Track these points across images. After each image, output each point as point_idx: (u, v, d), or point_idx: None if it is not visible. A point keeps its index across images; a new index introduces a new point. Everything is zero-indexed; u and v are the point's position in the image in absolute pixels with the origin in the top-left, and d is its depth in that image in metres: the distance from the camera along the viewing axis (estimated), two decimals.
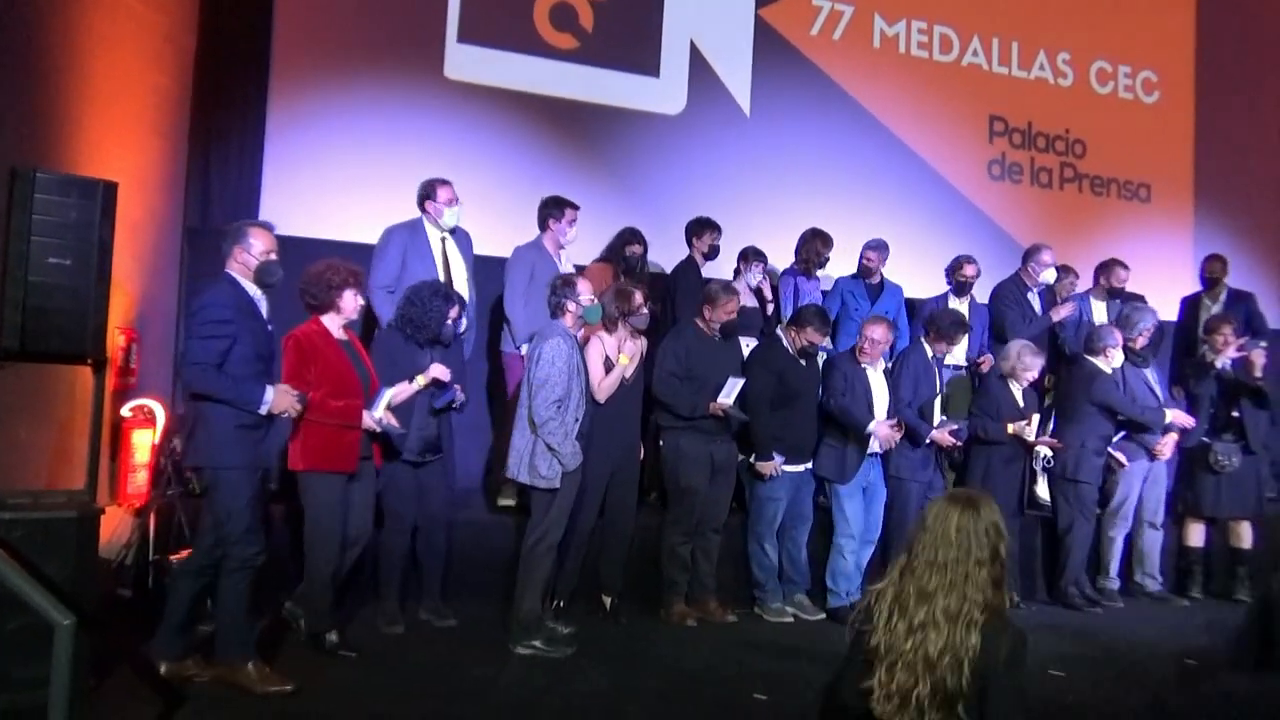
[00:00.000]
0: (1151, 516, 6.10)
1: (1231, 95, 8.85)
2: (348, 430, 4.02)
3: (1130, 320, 6.07)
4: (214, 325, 3.55)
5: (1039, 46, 8.30)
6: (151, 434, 4.85)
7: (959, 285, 6.33)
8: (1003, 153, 8.15)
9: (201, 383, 3.55)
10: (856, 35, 7.70)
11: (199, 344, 3.55)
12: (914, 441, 5.35)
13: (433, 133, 6.42)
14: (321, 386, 3.98)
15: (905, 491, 5.39)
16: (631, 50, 7.00)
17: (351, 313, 4.15)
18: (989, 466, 5.57)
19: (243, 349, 3.59)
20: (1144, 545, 6.14)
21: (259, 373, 3.67)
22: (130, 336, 4.87)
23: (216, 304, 3.58)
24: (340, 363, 4.05)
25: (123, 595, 4.57)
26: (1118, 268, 6.83)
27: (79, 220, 3.55)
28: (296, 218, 5.46)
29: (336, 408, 3.99)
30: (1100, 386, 5.84)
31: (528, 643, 4.32)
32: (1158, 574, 6.13)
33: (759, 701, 3.87)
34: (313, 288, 4.06)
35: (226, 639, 3.67)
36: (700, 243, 6.06)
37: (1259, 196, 8.94)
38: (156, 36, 5.36)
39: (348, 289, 4.07)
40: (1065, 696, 4.14)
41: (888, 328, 5.30)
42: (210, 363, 3.54)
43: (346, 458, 4.04)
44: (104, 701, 3.47)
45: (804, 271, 6.30)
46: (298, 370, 3.98)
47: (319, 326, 4.08)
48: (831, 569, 5.26)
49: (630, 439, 4.94)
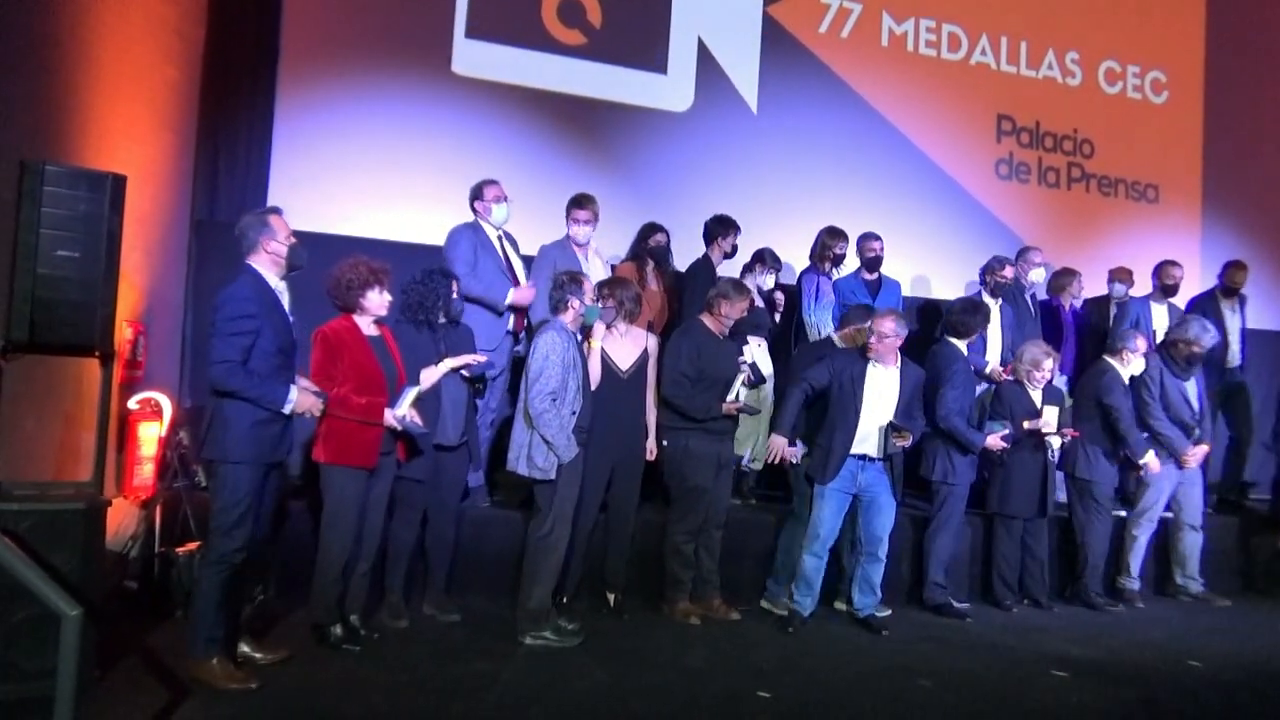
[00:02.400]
0: (1191, 519, 6.13)
1: (1240, 96, 8.82)
2: (370, 427, 4.05)
3: (1182, 330, 6.09)
4: (239, 321, 3.54)
5: (1047, 46, 8.28)
6: (158, 426, 4.86)
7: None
8: (1010, 152, 8.13)
9: (227, 381, 3.54)
10: (865, 33, 7.69)
11: (224, 341, 3.54)
12: (965, 449, 5.38)
13: (440, 128, 6.43)
14: (347, 382, 4.01)
15: (956, 497, 5.43)
16: (639, 47, 7.00)
17: (379, 310, 4.14)
18: (1009, 470, 5.56)
19: (265, 343, 3.59)
20: (1184, 548, 6.18)
21: (281, 366, 3.67)
22: (138, 329, 4.89)
23: (240, 298, 3.57)
24: (366, 359, 4.07)
25: (129, 587, 4.60)
26: (1171, 267, 6.90)
27: (88, 213, 3.56)
28: (304, 212, 5.46)
29: (359, 405, 4.01)
30: (1104, 386, 5.83)
31: (537, 633, 4.35)
32: (1198, 575, 6.18)
33: (762, 699, 3.87)
34: (335, 289, 4.10)
35: (194, 633, 3.65)
36: (724, 242, 6.04)
37: (1267, 198, 8.90)
38: (166, 29, 5.37)
39: (370, 289, 4.08)
40: (1070, 697, 4.14)
41: (898, 320, 4.95)
42: (236, 360, 3.53)
43: (367, 454, 4.06)
44: (110, 692, 3.48)
45: (821, 269, 6.29)
46: (324, 365, 4.01)
47: (349, 323, 4.12)
48: (796, 576, 5.00)
49: (633, 435, 4.94)
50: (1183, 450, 5.95)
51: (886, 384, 4.95)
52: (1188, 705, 4.16)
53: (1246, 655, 4.95)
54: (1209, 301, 7.13)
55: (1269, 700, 4.30)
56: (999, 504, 5.62)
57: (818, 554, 4.94)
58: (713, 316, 5.05)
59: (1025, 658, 4.68)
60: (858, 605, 5.09)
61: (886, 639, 4.88)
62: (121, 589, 4.58)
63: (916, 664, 4.46)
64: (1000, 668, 4.50)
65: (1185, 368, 6.04)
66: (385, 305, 4.17)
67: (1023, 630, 5.22)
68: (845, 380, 4.95)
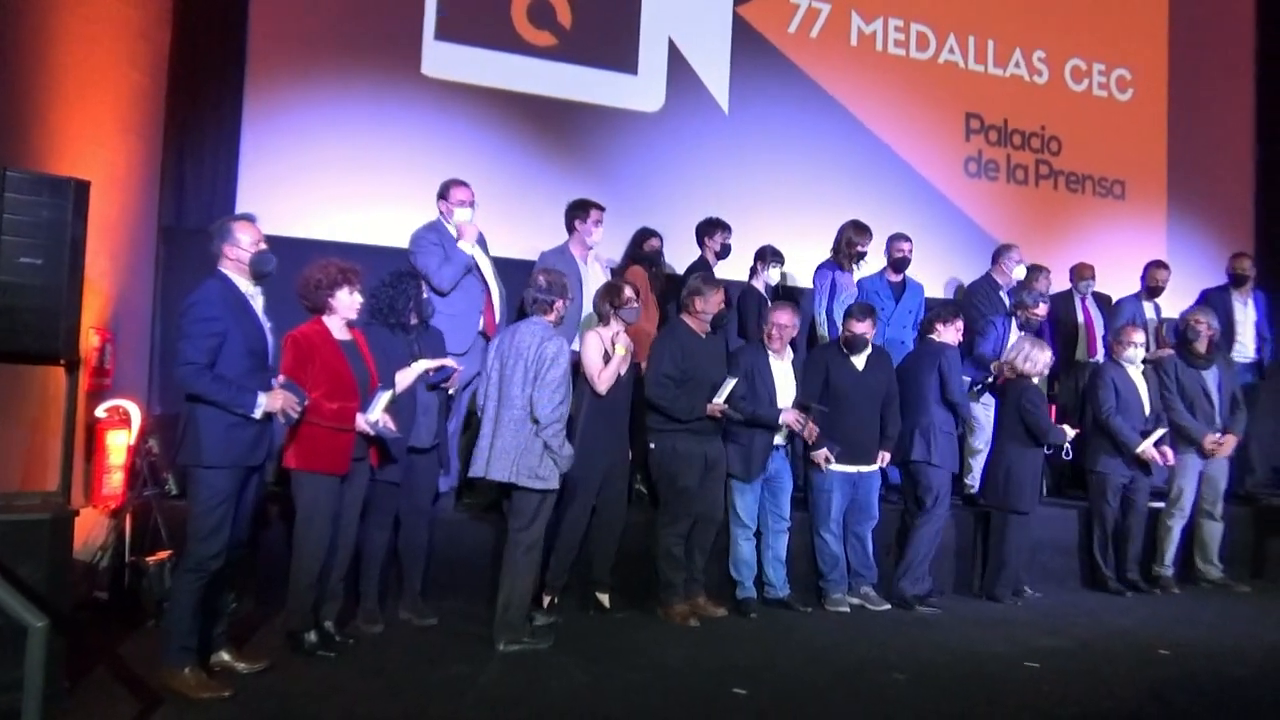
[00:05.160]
0: (1210, 507, 6.37)
1: (1203, 93, 8.96)
2: (341, 433, 4.01)
3: (1188, 312, 6.42)
4: (202, 323, 3.51)
5: (1014, 44, 8.36)
6: (127, 435, 4.81)
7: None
8: (979, 150, 8.21)
9: (192, 383, 3.51)
10: (834, 33, 7.74)
11: (189, 343, 3.51)
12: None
13: (410, 130, 6.40)
14: (318, 387, 3.97)
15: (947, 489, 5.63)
16: (610, 48, 7.00)
17: (349, 311, 4.10)
18: (1010, 463, 5.71)
19: (234, 346, 3.56)
20: (1204, 535, 6.43)
21: (251, 369, 3.63)
22: (105, 336, 4.83)
23: (204, 301, 3.54)
24: (337, 363, 4.03)
25: (98, 597, 4.54)
26: (1158, 270, 7.14)
27: (51, 219, 3.52)
28: (274, 216, 5.38)
29: (330, 410, 3.97)
30: (1090, 380, 6.01)
31: (515, 640, 4.31)
32: (1217, 561, 6.42)
33: (737, 696, 3.89)
34: (303, 290, 4.06)
35: (168, 641, 3.61)
36: (712, 242, 6.10)
37: (1230, 193, 9.06)
38: (130, 33, 5.31)
39: (339, 288, 4.04)
40: (1041, 686, 4.19)
41: (793, 312, 5.23)
42: (201, 362, 3.50)
43: (338, 460, 4.03)
44: (81, 704, 3.44)
45: (840, 265, 6.32)
46: (294, 370, 3.96)
47: (319, 326, 4.07)
48: (733, 559, 5.27)
49: (621, 435, 4.97)
50: (1201, 438, 6.13)
51: (784, 374, 5.25)
52: (1148, 692, 4.22)
53: (1213, 644, 5.01)
54: (1219, 294, 7.29)
55: (1234, 687, 4.37)
56: (1014, 500, 5.71)
57: (749, 540, 5.26)
58: (691, 315, 5.07)
59: (999, 651, 4.73)
60: (774, 583, 5.30)
61: (861, 633, 4.92)
62: (91, 599, 4.52)
63: (892, 658, 4.50)
64: (975, 661, 4.54)
65: (1200, 356, 6.23)
66: (356, 306, 4.12)
67: (995, 623, 5.28)
68: (754, 373, 5.15)
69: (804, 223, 7.00)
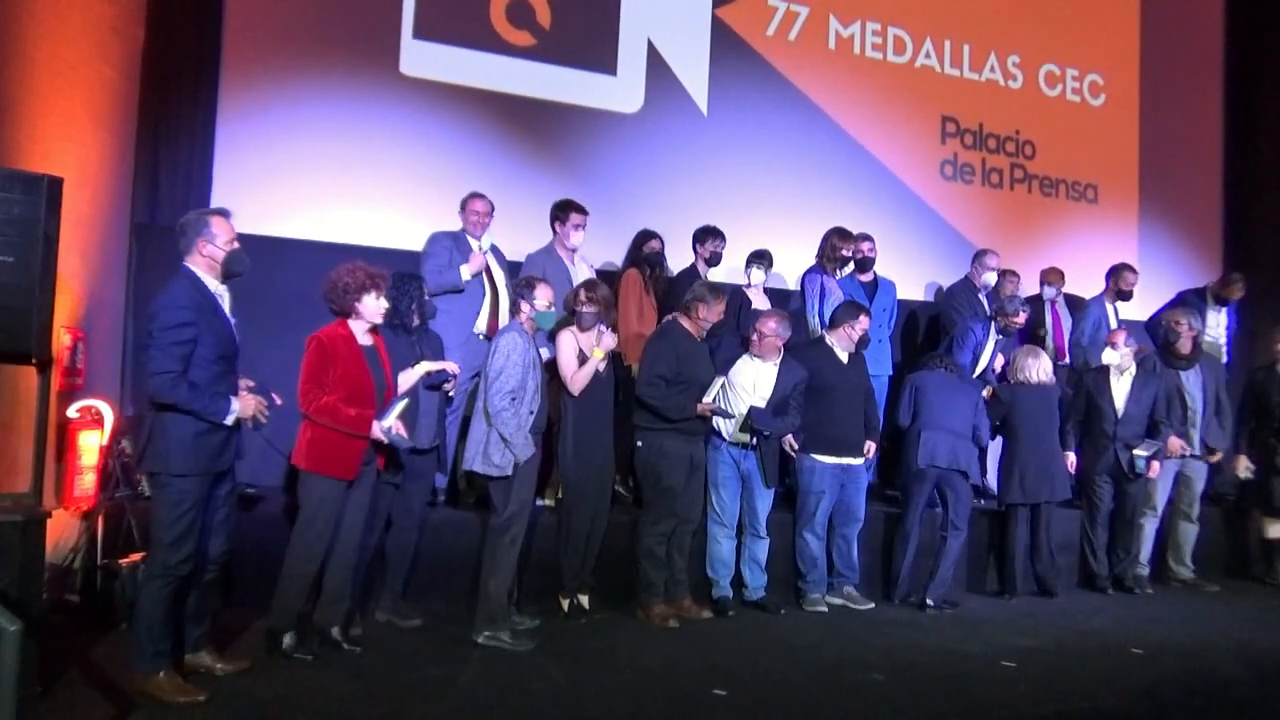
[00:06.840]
0: (1187, 509, 6.51)
1: (1174, 98, 9.10)
2: (355, 439, 3.98)
3: (1167, 313, 6.58)
4: (175, 330, 3.44)
5: (990, 49, 8.45)
6: (99, 435, 4.74)
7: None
8: (955, 153, 8.28)
9: (168, 394, 3.44)
10: (812, 36, 7.78)
11: (162, 352, 3.44)
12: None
13: (388, 129, 6.35)
14: (337, 391, 3.94)
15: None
16: (589, 48, 7.00)
17: (374, 316, 4.06)
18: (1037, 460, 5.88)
19: (204, 350, 3.50)
20: (1179, 536, 6.56)
21: (221, 373, 3.58)
22: (77, 335, 4.76)
23: (176, 305, 3.47)
24: (358, 369, 4.00)
25: (70, 600, 4.48)
26: (1126, 272, 7.18)
27: (22, 216, 3.45)
28: (248, 214, 5.33)
29: (347, 416, 3.93)
30: (1075, 385, 6.20)
31: (494, 633, 4.33)
32: (1189, 562, 6.54)
33: (717, 697, 3.89)
34: (330, 293, 4.03)
35: (140, 647, 3.55)
36: (703, 249, 6.12)
37: (1200, 197, 9.20)
38: (103, 27, 5.23)
39: (366, 293, 4.00)
40: (1018, 685, 4.23)
41: (779, 320, 5.23)
42: (176, 370, 3.44)
43: (348, 466, 3.99)
44: (53, 708, 3.38)
45: (826, 270, 6.36)
46: (317, 371, 3.93)
47: (344, 330, 4.04)
48: (710, 559, 5.29)
49: (607, 435, 4.98)
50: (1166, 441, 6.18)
51: (762, 377, 5.21)
52: (1129, 689, 4.28)
53: (1182, 642, 5.09)
54: (1194, 295, 7.40)
55: (1205, 682, 4.43)
56: (1033, 493, 5.86)
57: (729, 538, 5.29)
58: (690, 319, 5.11)
59: (976, 650, 4.78)
60: (750, 585, 5.32)
61: (840, 633, 4.95)
62: (63, 602, 4.45)
63: (871, 658, 4.52)
64: (953, 661, 4.58)
65: (1181, 357, 6.34)
66: (381, 312, 4.07)
67: (972, 623, 5.33)
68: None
69: (781, 224, 7.05)
